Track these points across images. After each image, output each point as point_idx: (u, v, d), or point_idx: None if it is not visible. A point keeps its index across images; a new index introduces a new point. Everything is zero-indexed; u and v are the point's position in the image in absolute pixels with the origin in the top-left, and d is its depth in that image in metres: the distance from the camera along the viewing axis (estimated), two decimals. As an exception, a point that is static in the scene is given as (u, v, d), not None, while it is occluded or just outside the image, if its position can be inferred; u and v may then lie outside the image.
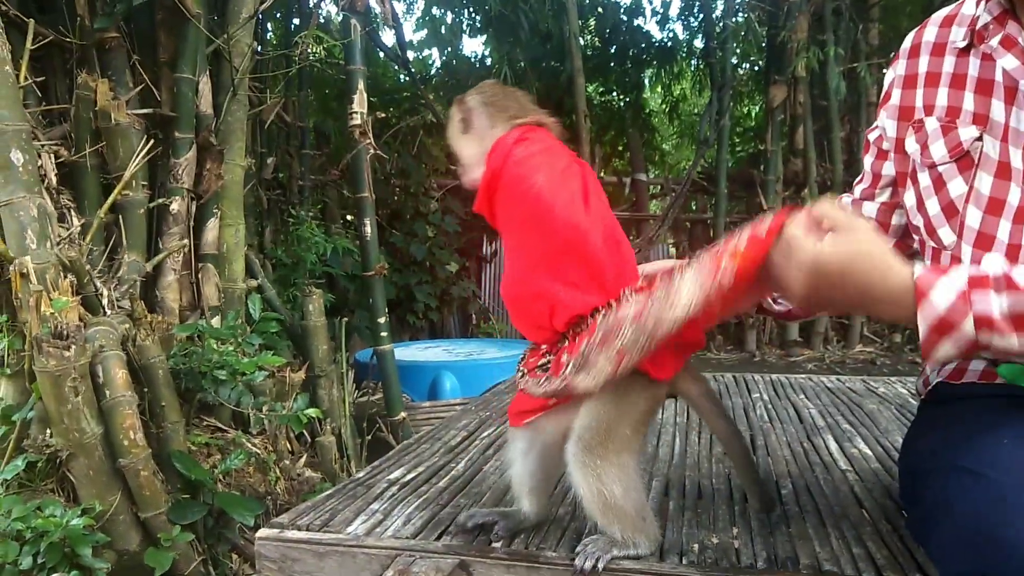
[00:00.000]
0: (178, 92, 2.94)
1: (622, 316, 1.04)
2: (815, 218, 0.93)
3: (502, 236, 1.21)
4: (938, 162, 1.13)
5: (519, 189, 1.13)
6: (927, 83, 1.18)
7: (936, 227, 1.14)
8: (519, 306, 1.19)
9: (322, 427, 3.01)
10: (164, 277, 2.88)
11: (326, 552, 1.21)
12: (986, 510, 0.77)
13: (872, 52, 7.33)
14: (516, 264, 1.17)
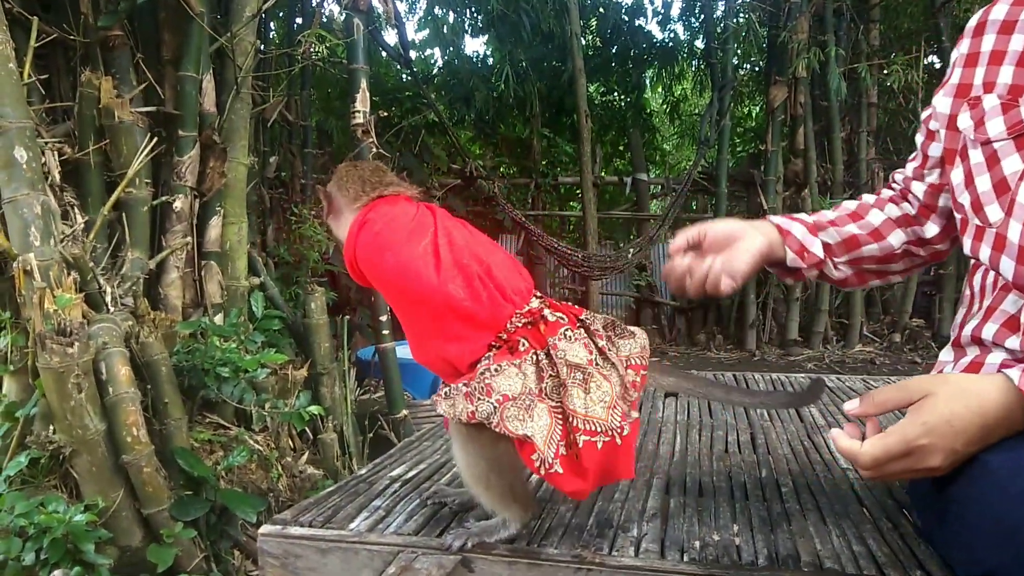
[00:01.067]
0: (181, 90, 2.95)
1: (495, 386, 1.15)
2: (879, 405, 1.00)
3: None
4: (994, 138, 1.11)
5: (375, 272, 1.24)
6: (991, 60, 1.17)
7: (984, 204, 1.12)
8: (428, 366, 1.29)
9: (324, 424, 3.02)
10: (167, 274, 2.89)
11: (329, 548, 1.22)
12: (1013, 507, 0.77)
13: (873, 53, 7.33)
14: (409, 332, 1.27)
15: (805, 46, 6.79)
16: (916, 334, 7.13)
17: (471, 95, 8.45)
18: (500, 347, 1.20)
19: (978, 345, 1.19)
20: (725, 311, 7.78)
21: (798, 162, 7.33)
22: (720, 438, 1.90)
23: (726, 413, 2.18)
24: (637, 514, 1.34)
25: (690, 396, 1.47)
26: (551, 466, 1.15)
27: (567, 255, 7.08)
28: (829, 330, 7.28)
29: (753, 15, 7.51)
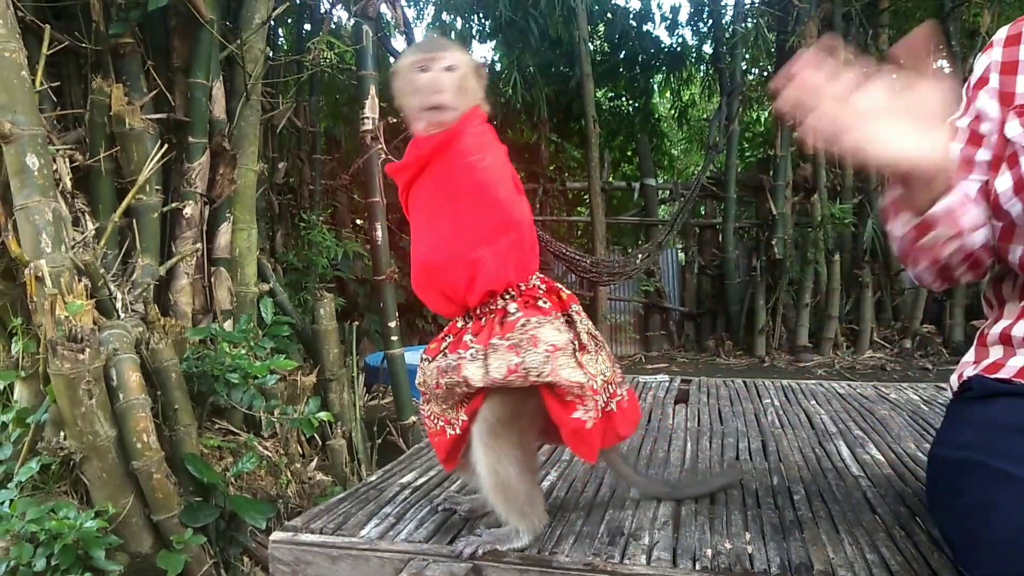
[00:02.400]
0: (192, 97, 2.96)
1: (542, 337, 1.16)
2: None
3: (421, 207, 1.23)
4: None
5: (466, 162, 1.19)
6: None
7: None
8: (438, 274, 1.22)
9: (333, 431, 3.02)
10: (177, 281, 2.90)
11: (339, 556, 1.21)
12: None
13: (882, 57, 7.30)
14: (442, 231, 1.20)
15: (814, 51, 6.78)
16: (926, 340, 7.09)
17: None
18: (518, 296, 1.21)
19: (1005, 344, 1.19)
20: (734, 317, 7.75)
21: (807, 167, 7.31)
22: (731, 445, 1.90)
23: (736, 420, 2.17)
24: (648, 522, 1.33)
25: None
26: (589, 423, 1.19)
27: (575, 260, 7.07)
28: (839, 336, 7.25)
29: (761, 20, 7.50)
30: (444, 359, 1.20)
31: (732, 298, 7.82)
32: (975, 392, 1.18)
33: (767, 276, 7.48)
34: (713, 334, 7.96)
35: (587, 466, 1.70)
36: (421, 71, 1.20)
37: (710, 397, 2.53)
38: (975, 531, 0.88)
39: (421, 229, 1.23)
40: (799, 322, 7.27)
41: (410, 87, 1.20)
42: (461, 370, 1.16)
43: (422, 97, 1.19)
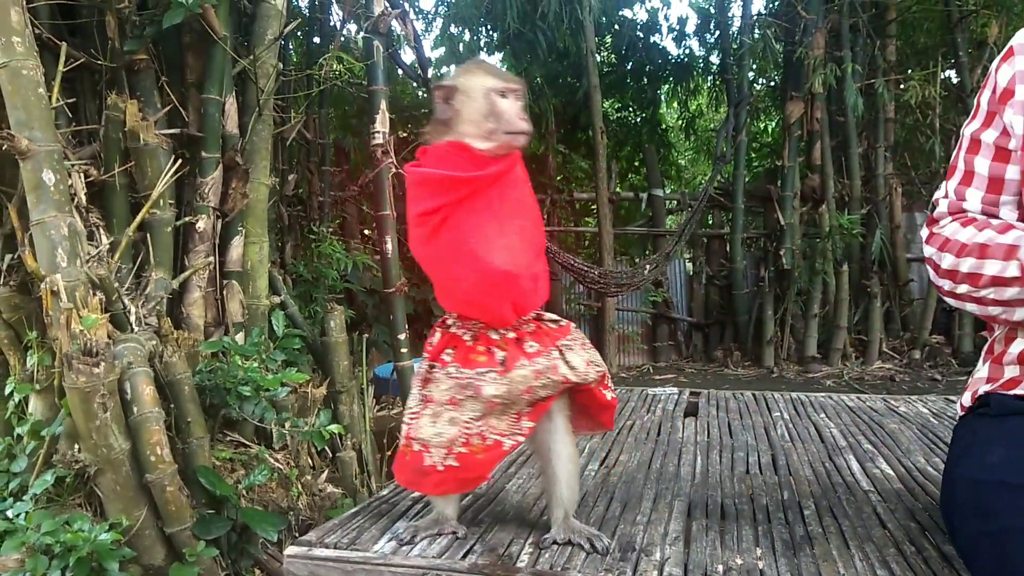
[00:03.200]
0: (205, 113, 3.00)
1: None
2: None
3: (493, 212, 1.26)
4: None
5: (527, 181, 1.35)
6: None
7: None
8: (512, 282, 1.27)
9: (343, 442, 3.03)
10: (190, 294, 2.92)
11: (353, 570, 1.23)
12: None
13: (889, 68, 7.31)
14: (512, 242, 1.27)
15: (821, 62, 6.79)
16: (936, 351, 7.05)
17: (487, 112, 8.49)
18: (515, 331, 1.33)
19: (1022, 364, 1.18)
20: (742, 327, 7.73)
21: (815, 177, 7.30)
22: (741, 459, 1.91)
23: (746, 434, 2.18)
24: (660, 537, 1.34)
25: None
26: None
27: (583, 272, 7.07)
28: (848, 347, 7.22)
29: (769, 31, 7.51)
30: (533, 364, 1.26)
31: (740, 308, 7.80)
32: (993, 409, 1.18)
33: (775, 286, 7.46)
34: (721, 344, 7.94)
35: (596, 481, 1.72)
36: (502, 97, 1.28)
37: (719, 410, 2.54)
38: (1009, 556, 0.88)
39: (488, 237, 1.25)
40: (807, 332, 7.25)
41: (488, 110, 1.27)
42: (558, 369, 1.28)
43: (506, 122, 1.27)
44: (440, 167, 1.26)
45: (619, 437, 2.16)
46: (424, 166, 1.29)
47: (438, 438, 1.26)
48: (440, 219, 1.24)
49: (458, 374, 1.27)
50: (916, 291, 7.48)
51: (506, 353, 1.27)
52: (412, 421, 1.31)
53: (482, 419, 1.26)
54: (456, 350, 1.30)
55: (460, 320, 1.33)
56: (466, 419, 1.26)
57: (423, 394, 1.31)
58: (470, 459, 1.26)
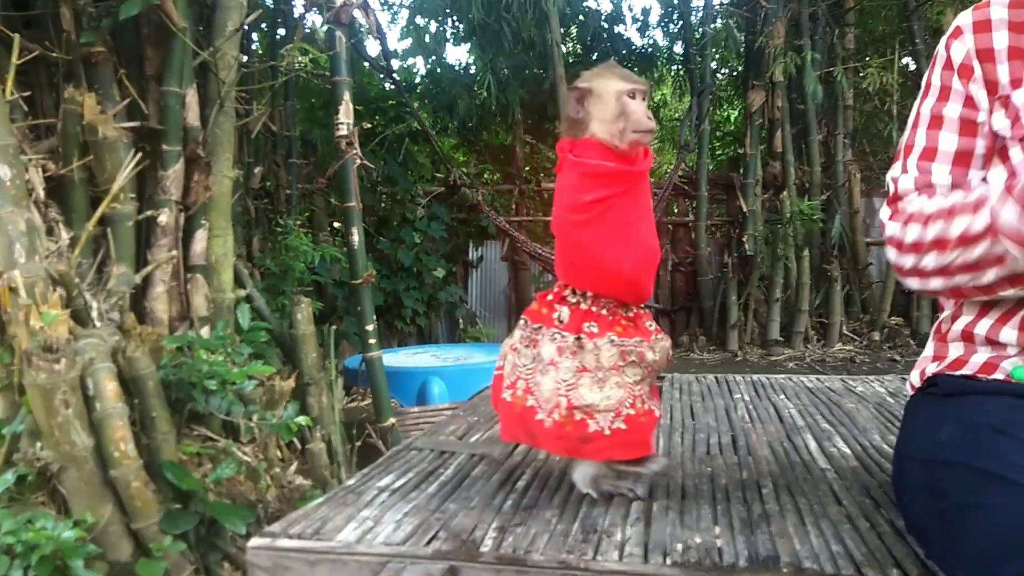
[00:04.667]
0: (165, 105, 2.96)
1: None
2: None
3: (643, 204, 1.45)
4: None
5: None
6: (1011, 56, 1.15)
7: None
8: (656, 261, 1.49)
9: (312, 434, 3.03)
10: (153, 288, 2.89)
11: (317, 560, 1.24)
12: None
13: (848, 56, 7.44)
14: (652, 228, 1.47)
15: (782, 51, 6.88)
16: (895, 332, 7.22)
17: (454, 103, 8.49)
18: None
19: (966, 341, 1.21)
20: (707, 312, 7.84)
21: (776, 165, 7.42)
22: (702, 440, 1.94)
23: (708, 416, 2.22)
24: (621, 518, 1.37)
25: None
26: None
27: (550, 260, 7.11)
28: (809, 330, 7.36)
29: (730, 21, 7.59)
30: (665, 338, 1.48)
31: (705, 294, 7.91)
32: (941, 389, 1.20)
33: (739, 272, 7.58)
34: (687, 330, 8.05)
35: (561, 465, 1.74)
36: (631, 98, 1.37)
37: (682, 393, 2.58)
38: (960, 533, 0.90)
39: (644, 222, 1.44)
40: (770, 317, 7.38)
41: (619, 110, 1.37)
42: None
43: (634, 122, 1.36)
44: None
45: (585, 423, 2.19)
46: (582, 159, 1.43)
47: (606, 402, 1.37)
48: (607, 207, 1.38)
49: (620, 343, 1.39)
50: (875, 274, 7.64)
51: (638, 327, 1.45)
52: (571, 391, 1.39)
53: (641, 383, 1.40)
54: (599, 324, 1.42)
55: (592, 298, 1.45)
56: (630, 381, 1.39)
57: (576, 364, 1.40)
58: (635, 422, 1.38)
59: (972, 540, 0.87)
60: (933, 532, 1.04)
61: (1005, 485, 0.84)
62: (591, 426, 1.37)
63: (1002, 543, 0.82)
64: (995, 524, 0.83)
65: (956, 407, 1.11)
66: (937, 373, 1.24)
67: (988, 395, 1.09)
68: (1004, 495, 0.84)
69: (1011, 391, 1.06)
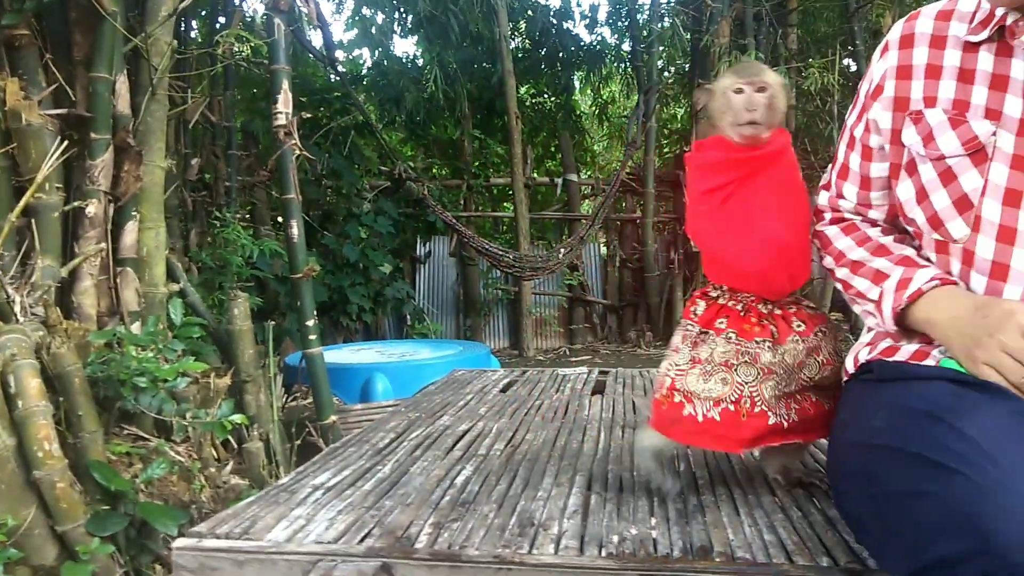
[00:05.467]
0: (94, 92, 2.84)
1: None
2: None
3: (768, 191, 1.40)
4: (948, 154, 1.12)
5: (796, 166, 1.44)
6: (927, 74, 1.18)
7: (944, 220, 1.14)
8: (791, 254, 1.42)
9: (249, 433, 2.96)
10: (81, 282, 2.78)
11: (246, 560, 1.20)
12: (966, 504, 0.79)
13: (791, 56, 7.59)
14: (792, 219, 1.40)
15: (727, 50, 6.98)
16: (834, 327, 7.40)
17: (401, 96, 8.40)
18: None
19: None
20: (654, 308, 7.93)
21: (722, 163, 7.52)
22: (642, 434, 1.95)
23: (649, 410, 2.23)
24: (559, 511, 1.36)
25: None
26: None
27: (498, 256, 7.11)
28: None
29: (677, 19, 7.68)
30: (804, 340, 1.39)
31: (652, 290, 8.00)
32: (875, 375, 1.22)
33: (685, 268, 7.68)
34: (635, 326, 8.13)
35: (501, 460, 1.72)
36: (736, 93, 1.37)
37: (625, 388, 2.59)
38: (893, 517, 0.91)
39: (770, 212, 1.38)
40: (716, 313, 7.49)
41: (726, 106, 1.37)
42: (820, 351, 1.41)
43: (734, 114, 1.37)
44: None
45: (527, 417, 2.18)
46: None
47: (707, 392, 1.36)
48: (724, 196, 1.38)
49: (737, 342, 1.38)
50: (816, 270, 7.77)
51: (777, 327, 1.40)
52: (679, 376, 1.39)
53: (755, 385, 1.36)
54: (729, 319, 1.42)
55: (730, 292, 1.44)
56: (740, 380, 1.37)
57: (693, 354, 1.40)
58: (734, 418, 1.34)
59: (904, 525, 0.88)
60: (866, 517, 1.05)
61: (938, 471, 0.85)
62: (686, 409, 1.37)
63: (933, 528, 0.83)
64: (927, 509, 0.84)
65: (891, 393, 1.13)
66: (871, 359, 1.26)
67: (922, 380, 1.10)
68: (937, 481, 0.85)
69: (943, 376, 1.07)
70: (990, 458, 0.81)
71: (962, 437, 0.86)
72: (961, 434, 0.87)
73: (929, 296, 1.14)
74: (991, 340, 1.01)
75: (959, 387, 1.02)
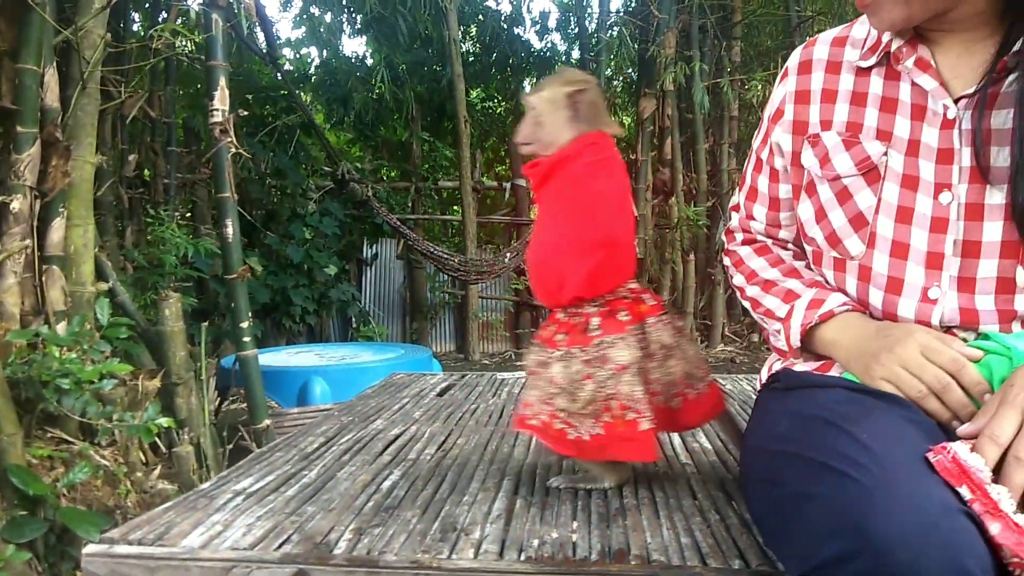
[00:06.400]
0: (20, 84, 2.75)
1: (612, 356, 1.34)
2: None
3: (542, 209, 1.45)
4: (843, 175, 1.17)
5: (577, 184, 1.37)
6: (823, 99, 1.23)
7: (842, 238, 1.18)
8: (537, 273, 1.45)
9: (180, 437, 2.89)
10: (4, 280, 2.68)
11: (158, 567, 1.17)
12: (851, 505, 0.81)
13: (735, 68, 7.75)
14: (547, 238, 1.42)
15: (672, 60, 7.10)
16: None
17: (349, 96, 8.32)
18: (603, 306, 1.39)
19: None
20: (600, 314, 8.00)
21: (666, 171, 7.65)
22: (572, 439, 1.96)
23: (582, 414, 2.25)
24: (482, 516, 1.36)
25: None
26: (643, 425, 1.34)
27: (444, 259, 7.09)
28: (694, 331, 7.64)
29: (625, 29, 7.77)
30: (542, 352, 1.40)
31: (597, 296, 8.06)
32: (782, 383, 1.26)
33: (629, 273, 7.77)
34: (580, 330, 8.18)
35: (431, 465, 1.72)
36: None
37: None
38: (791, 520, 0.93)
39: (539, 229, 1.45)
40: (659, 318, 7.60)
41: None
42: (550, 366, 1.37)
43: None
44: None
45: (461, 420, 2.18)
46: None
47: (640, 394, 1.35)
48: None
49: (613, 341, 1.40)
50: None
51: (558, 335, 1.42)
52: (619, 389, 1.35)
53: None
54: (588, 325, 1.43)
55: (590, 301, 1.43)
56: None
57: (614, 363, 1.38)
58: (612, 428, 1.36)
59: (801, 526, 0.91)
60: (770, 520, 1.08)
61: (830, 473, 0.88)
62: (641, 424, 1.34)
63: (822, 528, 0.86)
64: (820, 510, 0.87)
65: (794, 401, 1.16)
66: (781, 370, 1.30)
67: (822, 388, 1.15)
68: (830, 484, 0.87)
69: (842, 384, 1.12)
70: (877, 460, 0.84)
71: (854, 441, 0.89)
72: (853, 438, 0.90)
73: (839, 318, 1.18)
74: (890, 355, 1.06)
75: (856, 394, 1.06)
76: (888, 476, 0.82)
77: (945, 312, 1.10)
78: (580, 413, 1.35)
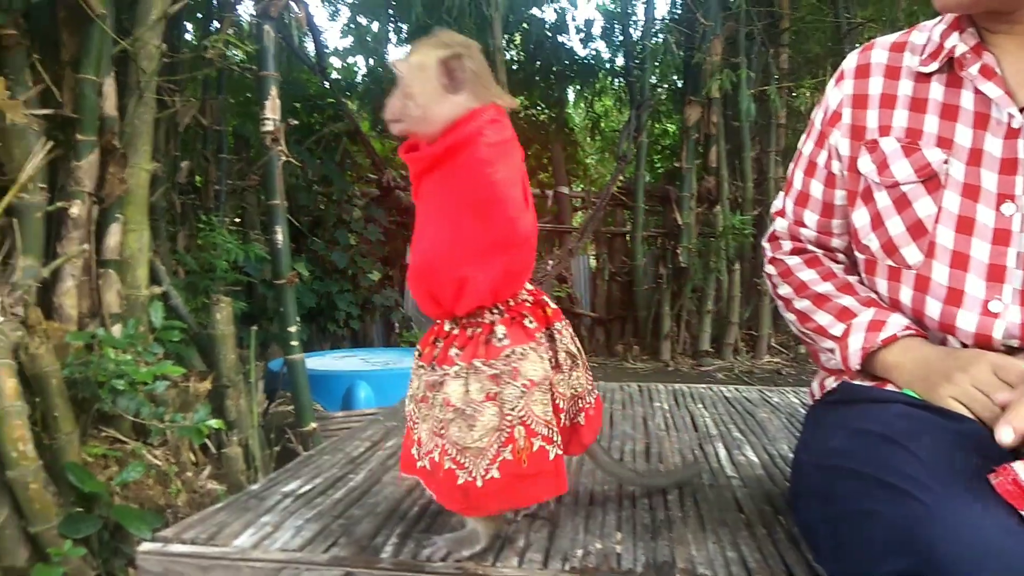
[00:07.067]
0: (81, 93, 2.84)
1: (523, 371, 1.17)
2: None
3: (427, 203, 1.20)
4: (902, 182, 1.15)
5: (478, 172, 1.12)
6: (882, 104, 1.21)
7: (899, 246, 1.16)
8: (429, 278, 1.20)
9: (228, 438, 2.95)
10: (62, 283, 2.77)
11: (210, 566, 1.20)
12: (913, 524, 0.81)
13: (782, 76, 7.65)
14: (442, 236, 1.18)
15: (718, 68, 7.04)
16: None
17: (395, 104, 8.40)
18: (506, 312, 1.21)
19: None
20: (642, 322, 7.94)
21: (711, 179, 7.57)
22: (616, 447, 1.96)
23: (625, 423, 2.24)
24: (527, 524, 1.37)
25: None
26: (551, 455, 1.19)
27: (487, 267, 7.10)
28: (739, 341, 7.53)
29: (670, 36, 7.73)
30: (432, 372, 1.20)
31: (640, 304, 8.01)
32: (840, 395, 1.24)
33: (673, 283, 7.70)
34: (622, 339, 8.13)
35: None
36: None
37: (605, 401, 2.60)
38: (847, 536, 0.92)
39: (423, 227, 1.20)
40: (701, 328, 7.52)
41: None
42: (445, 386, 1.17)
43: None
44: None
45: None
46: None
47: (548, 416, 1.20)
48: (415, 196, 1.25)
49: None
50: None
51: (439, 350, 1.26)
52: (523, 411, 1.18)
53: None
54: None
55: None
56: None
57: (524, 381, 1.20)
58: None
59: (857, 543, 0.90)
60: (822, 536, 1.07)
61: (889, 491, 0.87)
62: (551, 452, 1.20)
63: (882, 546, 0.85)
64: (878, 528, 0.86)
65: (850, 415, 1.14)
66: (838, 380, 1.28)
67: (879, 403, 1.12)
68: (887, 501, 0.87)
69: (903, 400, 1.10)
70: (939, 479, 0.83)
71: (913, 458, 0.88)
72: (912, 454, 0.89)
73: (902, 342, 1.16)
74: (962, 375, 1.03)
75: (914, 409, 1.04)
76: (951, 496, 0.81)
77: (1008, 326, 1.07)
78: (475, 447, 1.13)
